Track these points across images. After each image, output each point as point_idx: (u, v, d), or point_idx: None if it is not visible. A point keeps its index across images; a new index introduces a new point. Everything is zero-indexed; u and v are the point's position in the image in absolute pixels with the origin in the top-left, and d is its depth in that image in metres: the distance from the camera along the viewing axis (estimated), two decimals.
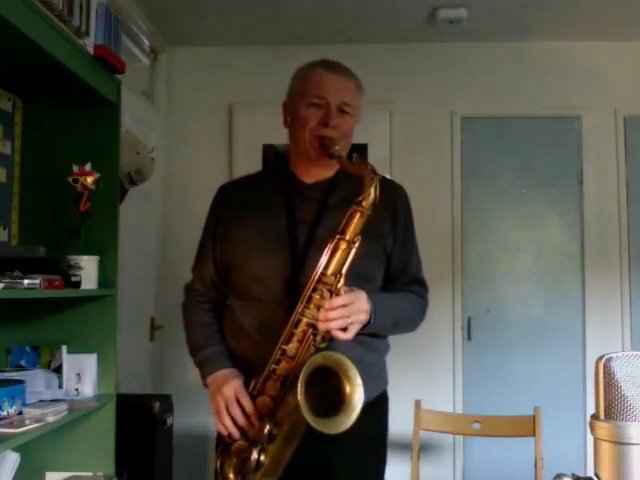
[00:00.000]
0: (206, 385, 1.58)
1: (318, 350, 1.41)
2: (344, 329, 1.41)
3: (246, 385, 1.49)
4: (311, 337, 1.41)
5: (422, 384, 3.46)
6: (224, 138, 3.83)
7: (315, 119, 1.55)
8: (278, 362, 1.44)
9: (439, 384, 3.66)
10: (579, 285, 3.70)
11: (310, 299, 1.42)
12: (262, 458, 1.40)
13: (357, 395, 1.36)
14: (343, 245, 1.42)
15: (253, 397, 1.46)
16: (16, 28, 1.66)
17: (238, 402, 1.46)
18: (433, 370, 3.68)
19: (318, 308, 1.41)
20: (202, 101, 3.82)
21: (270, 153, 3.74)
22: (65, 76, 2.03)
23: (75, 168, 2.18)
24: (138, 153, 2.88)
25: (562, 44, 3.74)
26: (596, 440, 0.88)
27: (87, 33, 2.10)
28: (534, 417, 2.55)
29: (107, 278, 2.24)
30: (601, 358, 0.88)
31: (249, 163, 3.53)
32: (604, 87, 3.73)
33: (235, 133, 3.82)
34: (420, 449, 2.67)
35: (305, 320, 1.42)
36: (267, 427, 1.39)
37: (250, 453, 1.41)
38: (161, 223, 3.79)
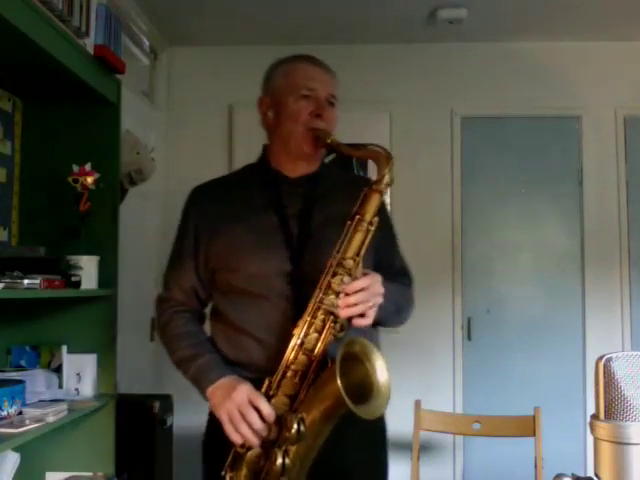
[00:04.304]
0: (206, 398, 1.46)
1: (337, 340, 1.35)
2: (362, 314, 1.37)
3: (256, 389, 1.39)
4: (331, 326, 1.36)
5: (422, 384, 3.46)
6: (224, 138, 3.83)
7: (306, 111, 1.53)
8: (295, 357, 1.37)
9: (439, 384, 3.66)
10: (579, 285, 3.70)
11: (329, 285, 1.37)
12: (287, 461, 1.30)
13: (386, 382, 1.33)
14: (362, 226, 1.39)
15: (268, 398, 1.37)
16: (16, 28, 1.66)
17: (253, 406, 1.35)
18: (433, 370, 3.68)
19: (337, 294, 1.35)
20: (202, 101, 3.82)
21: None
22: (65, 76, 2.02)
23: (75, 168, 2.18)
24: (138, 153, 2.88)
25: (562, 44, 3.75)
26: (596, 440, 0.88)
27: (87, 33, 2.10)
28: (534, 417, 2.55)
29: (107, 278, 2.24)
30: (601, 358, 0.88)
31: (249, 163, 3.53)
32: (604, 87, 3.73)
33: (235, 133, 3.82)
34: (420, 449, 2.67)
35: (324, 308, 1.36)
36: (295, 425, 1.28)
37: (273, 457, 1.31)
38: (161, 223, 3.78)
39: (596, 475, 0.87)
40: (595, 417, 0.88)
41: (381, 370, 1.35)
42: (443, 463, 3.62)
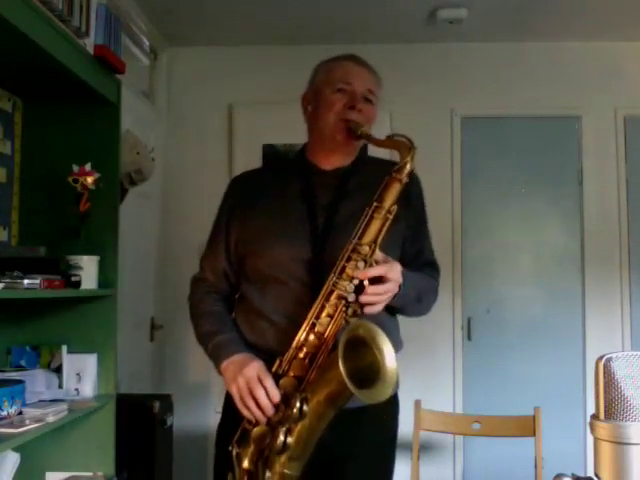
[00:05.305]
0: (220, 372, 1.52)
1: (348, 324, 1.38)
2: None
3: (268, 369, 1.44)
4: (343, 310, 1.39)
5: (422, 384, 3.45)
6: (224, 138, 3.83)
7: (341, 102, 1.57)
8: (306, 338, 1.40)
9: (439, 384, 3.66)
10: (579, 285, 3.70)
11: (343, 269, 1.40)
12: (289, 440, 1.32)
13: (392, 366, 1.34)
14: (380, 213, 1.42)
15: (277, 377, 1.41)
16: (16, 28, 1.66)
17: (261, 383, 1.41)
18: (433, 370, 3.68)
19: (351, 279, 1.39)
20: (202, 101, 3.82)
21: (270, 153, 3.74)
22: (65, 76, 2.02)
23: (75, 168, 2.18)
24: (138, 153, 2.88)
25: (562, 44, 3.74)
26: (596, 440, 0.88)
27: (87, 33, 2.09)
28: (534, 417, 2.55)
29: (107, 278, 2.24)
30: (601, 358, 0.88)
31: (249, 163, 3.48)
32: (604, 87, 3.73)
33: (235, 133, 3.81)
34: (420, 449, 2.67)
35: (337, 292, 1.39)
36: (297, 403, 1.32)
37: (275, 434, 1.33)
38: (161, 223, 3.79)
39: (596, 475, 0.87)
40: (595, 417, 0.88)
41: (388, 354, 1.35)
42: (443, 463, 3.62)
